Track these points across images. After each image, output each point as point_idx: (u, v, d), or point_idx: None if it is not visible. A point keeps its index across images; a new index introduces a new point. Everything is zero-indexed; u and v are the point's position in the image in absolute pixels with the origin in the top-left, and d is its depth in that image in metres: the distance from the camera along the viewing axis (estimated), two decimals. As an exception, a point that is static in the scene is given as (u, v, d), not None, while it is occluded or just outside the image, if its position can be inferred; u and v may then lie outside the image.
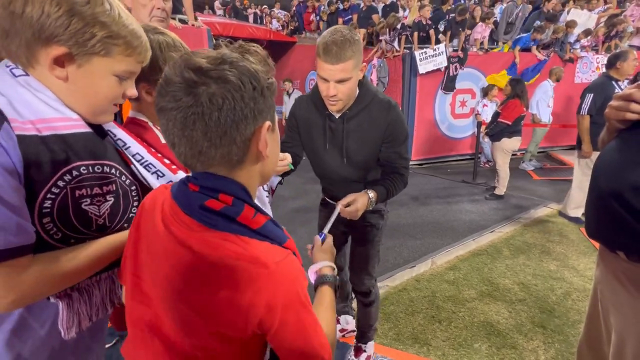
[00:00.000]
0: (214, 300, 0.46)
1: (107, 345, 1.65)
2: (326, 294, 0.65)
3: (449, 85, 5.73)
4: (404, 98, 5.49)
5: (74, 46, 0.53)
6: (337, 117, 1.22)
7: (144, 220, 0.55)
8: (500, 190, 4.06)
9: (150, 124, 0.87)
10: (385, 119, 1.18)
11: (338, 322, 1.80)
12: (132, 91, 0.65)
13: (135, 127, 0.85)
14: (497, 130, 3.89)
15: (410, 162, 6.24)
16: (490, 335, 1.83)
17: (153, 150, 0.72)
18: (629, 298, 0.87)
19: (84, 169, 0.58)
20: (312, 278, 0.69)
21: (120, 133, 0.69)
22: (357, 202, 1.13)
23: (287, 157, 1.07)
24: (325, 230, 0.89)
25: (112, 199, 0.63)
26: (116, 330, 0.77)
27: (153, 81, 0.82)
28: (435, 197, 4.21)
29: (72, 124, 0.58)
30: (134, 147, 0.69)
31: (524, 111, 3.91)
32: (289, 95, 6.49)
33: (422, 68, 5.34)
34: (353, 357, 1.56)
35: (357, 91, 1.18)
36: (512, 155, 4.07)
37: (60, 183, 0.55)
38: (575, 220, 3.26)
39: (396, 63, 5.55)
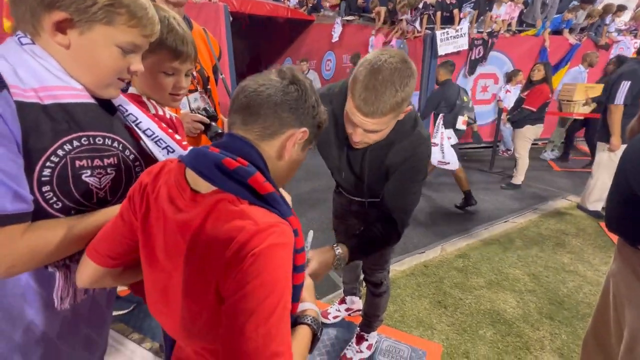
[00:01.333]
0: (208, 262, 0.47)
1: (124, 311, 1.76)
2: (304, 334, 0.57)
3: (472, 69, 5.51)
4: (423, 82, 5.32)
5: (75, 12, 0.53)
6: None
7: (148, 191, 0.56)
8: (518, 179, 3.95)
9: (144, 98, 0.88)
10: (407, 159, 0.97)
11: (344, 301, 1.83)
12: (137, 66, 0.64)
13: (133, 103, 0.86)
14: (520, 116, 3.72)
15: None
16: (495, 323, 1.84)
17: (164, 125, 0.72)
18: None
19: (85, 140, 0.58)
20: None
21: (132, 108, 0.69)
22: (314, 263, 0.86)
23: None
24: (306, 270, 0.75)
25: (114, 172, 0.63)
26: (134, 295, 0.79)
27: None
28: (449, 183, 4.13)
29: (75, 93, 0.58)
30: (145, 122, 0.69)
31: (550, 98, 3.73)
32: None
33: (442, 49, 5.13)
34: (354, 344, 1.57)
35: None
36: (533, 144, 3.93)
37: (60, 152, 0.56)
38: (594, 214, 3.16)
39: (416, 44, 5.35)
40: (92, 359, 0.73)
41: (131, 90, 0.90)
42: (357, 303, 1.83)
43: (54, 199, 0.56)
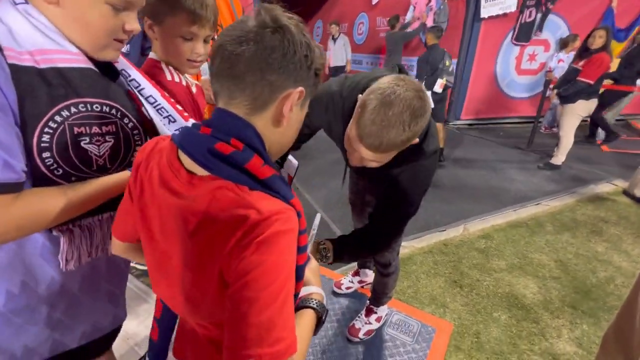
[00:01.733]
0: (210, 249, 0.46)
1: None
2: (308, 318, 0.56)
3: (523, 34, 4.95)
4: (462, 48, 4.90)
5: None
6: None
7: (141, 172, 0.54)
8: (559, 159, 3.66)
9: (162, 64, 0.87)
10: (403, 171, 0.92)
11: (357, 274, 1.86)
12: (133, 25, 0.60)
13: (149, 68, 0.85)
14: (574, 90, 3.29)
15: (459, 122, 5.82)
16: (512, 307, 1.80)
17: (167, 95, 0.71)
18: None
19: (82, 107, 0.58)
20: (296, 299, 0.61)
21: (135, 73, 0.67)
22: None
23: None
24: (309, 249, 0.76)
25: (112, 140, 0.62)
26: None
27: (156, 15, 0.80)
28: (480, 161, 3.93)
29: (71, 57, 0.56)
30: (148, 89, 0.67)
31: (610, 68, 3.30)
32: (334, 40, 6.06)
33: (485, 11, 4.63)
34: (364, 316, 1.60)
35: None
36: (583, 120, 3.57)
37: (58, 118, 0.55)
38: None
39: (459, 5, 4.87)
40: (115, 311, 0.80)
41: (151, 55, 0.89)
42: (370, 276, 1.85)
43: (55, 165, 0.56)
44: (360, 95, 0.80)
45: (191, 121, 0.72)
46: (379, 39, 6.64)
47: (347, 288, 1.83)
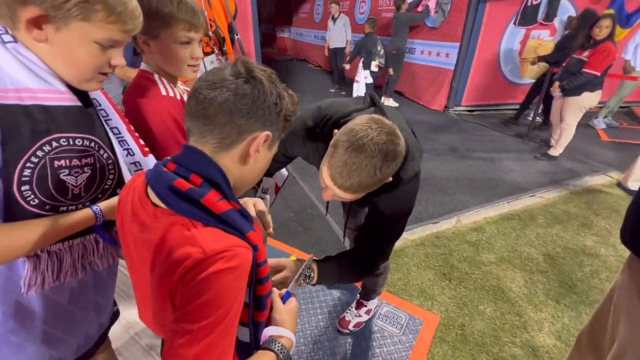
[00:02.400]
0: (164, 279, 0.48)
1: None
2: (265, 358, 0.56)
3: (527, 17, 4.80)
4: (465, 31, 4.77)
5: (49, 8, 0.52)
6: None
7: (121, 206, 0.58)
8: (557, 150, 3.64)
9: (156, 76, 0.88)
10: (384, 197, 0.91)
11: None
12: (118, 60, 0.63)
13: (141, 80, 0.87)
14: (579, 82, 3.15)
15: (460, 108, 5.79)
16: (498, 300, 1.87)
17: (132, 128, 0.73)
18: None
19: (64, 141, 0.59)
20: (263, 337, 0.61)
21: (105, 104, 0.69)
22: (287, 272, 0.87)
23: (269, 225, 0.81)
24: (291, 288, 0.75)
25: (90, 171, 0.65)
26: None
27: (150, 30, 0.81)
28: (479, 150, 3.92)
29: (58, 96, 0.58)
30: (114, 120, 0.70)
31: (615, 58, 3.15)
32: (334, 20, 5.88)
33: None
34: (354, 308, 1.66)
35: None
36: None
37: (39, 153, 0.57)
38: (633, 194, 2.91)
39: (463, -14, 4.69)
40: (100, 319, 0.85)
41: (143, 67, 0.90)
42: None
43: (32, 196, 0.58)
44: (335, 130, 0.80)
45: (151, 157, 0.75)
46: (381, 19, 6.43)
47: None
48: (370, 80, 4.63)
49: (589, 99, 3.26)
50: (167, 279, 0.47)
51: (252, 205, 0.73)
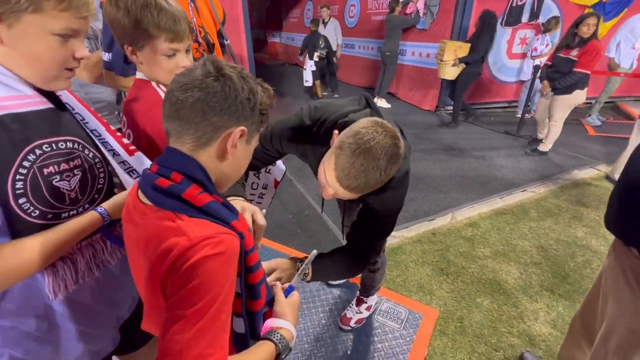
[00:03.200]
0: (155, 271, 0.50)
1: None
2: (264, 350, 0.58)
3: (512, 18, 4.93)
4: (454, 32, 4.87)
5: None
6: None
7: (123, 210, 0.61)
8: (547, 146, 3.74)
9: (153, 84, 0.90)
10: (374, 195, 0.92)
11: None
12: (82, 52, 0.60)
13: (140, 90, 0.88)
14: (571, 82, 3.20)
15: (451, 107, 5.84)
16: (494, 292, 1.91)
17: (112, 129, 0.73)
18: (630, 294, 0.86)
19: (47, 147, 0.58)
20: (264, 329, 0.63)
21: (79, 107, 0.68)
22: (278, 272, 0.89)
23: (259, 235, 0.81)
24: (294, 282, 0.77)
25: (80, 173, 0.64)
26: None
27: (135, 42, 0.81)
28: (471, 148, 4.00)
29: (27, 102, 0.57)
30: (92, 123, 0.69)
31: (602, 55, 3.25)
32: (325, 24, 5.96)
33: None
34: (354, 305, 1.69)
35: None
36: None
37: (26, 163, 0.55)
38: (622, 186, 3.00)
39: (450, -12, 4.80)
40: (118, 313, 0.87)
41: (139, 75, 0.92)
42: None
43: (31, 208, 0.57)
44: (335, 132, 0.83)
45: (138, 155, 0.76)
46: (372, 22, 6.53)
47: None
48: (314, 68, 5.65)
49: (579, 97, 3.33)
50: (157, 270, 0.49)
51: (250, 214, 0.74)
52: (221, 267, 0.49)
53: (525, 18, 4.99)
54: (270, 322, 0.63)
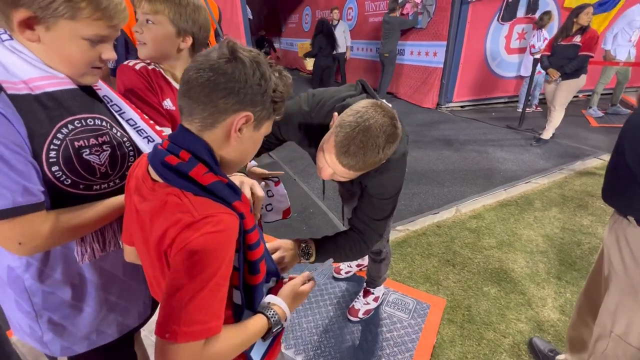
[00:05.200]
0: (161, 242, 0.52)
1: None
2: (257, 323, 0.62)
3: (508, 13, 4.96)
4: (451, 30, 4.91)
5: (38, 10, 0.56)
6: None
7: (128, 180, 0.63)
8: (548, 133, 3.77)
9: (165, 73, 0.96)
10: (372, 177, 0.95)
11: None
12: (109, 54, 0.66)
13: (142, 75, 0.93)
14: (579, 65, 3.37)
15: (451, 104, 5.90)
16: (501, 281, 1.92)
17: (146, 117, 0.79)
18: (630, 262, 0.88)
19: (77, 123, 0.65)
20: (261, 303, 0.66)
21: (116, 99, 0.75)
22: (280, 252, 0.91)
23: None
24: (316, 275, 0.80)
25: (109, 149, 0.69)
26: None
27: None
28: (473, 143, 4.01)
29: (59, 81, 0.63)
30: (128, 112, 0.75)
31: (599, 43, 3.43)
32: (334, 27, 5.67)
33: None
34: (362, 297, 1.71)
35: None
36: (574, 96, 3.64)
37: (60, 135, 0.62)
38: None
39: (446, -13, 4.85)
40: (147, 288, 0.90)
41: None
42: (366, 258, 1.94)
43: (64, 176, 0.63)
44: (335, 114, 0.86)
45: None
46: (369, 24, 6.60)
47: (347, 272, 1.94)
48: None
49: (583, 80, 3.47)
50: (162, 242, 0.52)
51: (249, 188, 0.77)
52: (220, 244, 0.51)
53: (521, 13, 5.02)
54: (267, 298, 0.67)
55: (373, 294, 1.70)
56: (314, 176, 3.21)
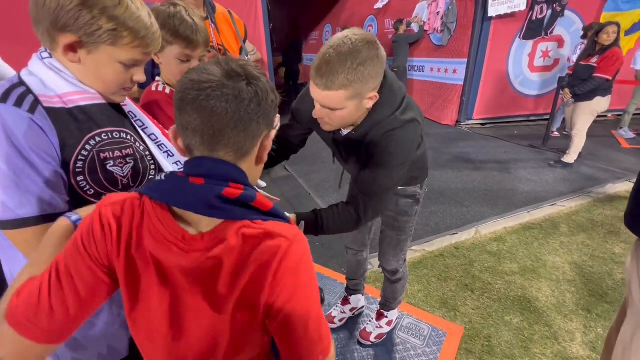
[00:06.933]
0: (250, 286, 0.49)
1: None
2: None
3: (532, 31, 4.88)
4: (472, 47, 4.87)
5: (83, 35, 0.60)
6: (343, 135, 1.01)
7: (121, 238, 0.51)
8: (571, 157, 3.59)
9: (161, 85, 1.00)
10: (377, 143, 0.93)
11: (348, 301, 1.73)
12: (140, 77, 0.71)
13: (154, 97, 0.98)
14: (591, 87, 3.22)
15: (471, 121, 5.82)
16: (524, 310, 1.80)
17: (167, 132, 0.82)
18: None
19: (104, 135, 0.68)
20: None
21: (140, 115, 0.79)
22: None
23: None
24: None
25: (132, 161, 0.72)
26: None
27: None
28: (494, 162, 3.89)
29: (89, 96, 0.68)
30: (150, 127, 0.79)
31: (623, 62, 3.24)
32: None
33: (493, 10, 4.57)
34: (375, 320, 1.63)
35: (368, 111, 0.92)
36: (599, 116, 3.49)
37: (87, 147, 0.65)
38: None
39: (467, 5, 4.85)
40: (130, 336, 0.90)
41: (158, 79, 1.00)
42: (362, 301, 1.77)
43: (88, 186, 0.66)
44: None
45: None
46: (388, 41, 6.65)
47: (341, 320, 1.71)
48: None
49: (601, 104, 3.31)
50: (256, 284, 0.48)
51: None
52: (310, 256, 0.53)
53: (544, 31, 4.93)
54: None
55: (387, 317, 1.63)
56: (328, 190, 3.19)
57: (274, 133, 0.56)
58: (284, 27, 11.60)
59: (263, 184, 3.28)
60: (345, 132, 1.00)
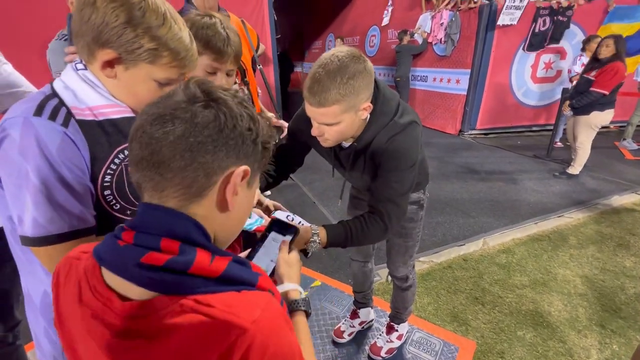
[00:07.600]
0: None
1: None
2: (300, 325, 0.56)
3: (535, 43, 4.92)
4: (475, 58, 4.90)
5: (123, 52, 0.60)
6: (345, 147, 1.01)
7: (62, 300, 0.44)
8: (576, 169, 3.58)
9: None
10: (383, 150, 0.93)
11: (357, 315, 1.68)
12: None
13: None
14: (587, 101, 3.22)
15: (474, 131, 5.83)
16: (537, 325, 1.76)
17: None
18: None
19: None
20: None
21: None
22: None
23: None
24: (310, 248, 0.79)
25: None
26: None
27: None
28: (499, 172, 3.88)
29: (120, 110, 0.67)
30: None
31: (625, 77, 3.22)
32: None
33: (502, 19, 4.61)
34: (385, 334, 1.60)
35: (365, 122, 0.93)
36: (604, 127, 3.49)
37: (117, 160, 0.64)
38: (671, 212, 2.79)
39: (470, 16, 4.90)
40: None
41: None
42: (372, 314, 1.73)
43: (114, 201, 0.65)
44: None
45: None
46: (390, 51, 6.71)
47: (350, 334, 1.65)
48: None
49: (598, 118, 3.28)
50: None
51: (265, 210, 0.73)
52: (284, 336, 0.39)
53: (546, 43, 4.97)
54: (281, 288, 0.62)
55: (397, 330, 1.59)
56: (333, 199, 3.16)
57: (243, 178, 0.43)
58: (287, 35, 11.73)
59: (267, 192, 3.26)
60: (346, 144, 1.01)
